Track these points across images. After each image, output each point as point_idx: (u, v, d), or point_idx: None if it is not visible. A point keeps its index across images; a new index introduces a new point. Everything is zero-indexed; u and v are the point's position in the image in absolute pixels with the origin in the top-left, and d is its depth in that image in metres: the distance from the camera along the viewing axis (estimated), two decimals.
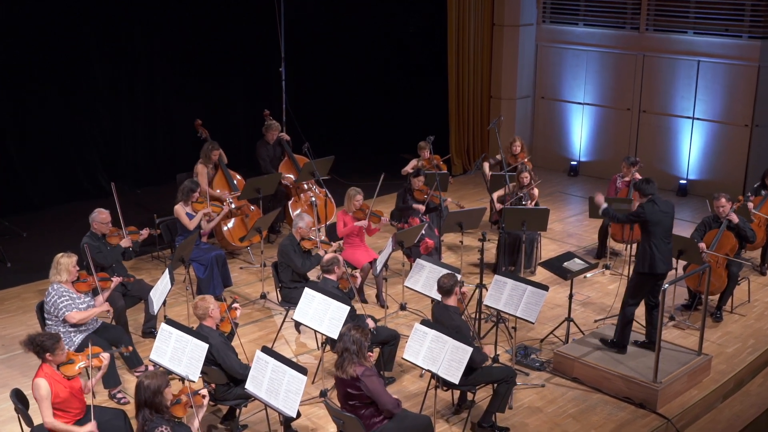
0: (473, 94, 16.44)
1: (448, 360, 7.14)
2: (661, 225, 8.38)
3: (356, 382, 6.55)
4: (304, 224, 9.56)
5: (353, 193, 10.30)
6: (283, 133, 12.91)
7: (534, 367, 8.93)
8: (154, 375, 6.03)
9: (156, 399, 5.97)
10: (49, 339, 6.68)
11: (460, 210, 10.81)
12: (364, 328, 6.73)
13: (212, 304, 7.46)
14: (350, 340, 6.62)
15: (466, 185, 15.55)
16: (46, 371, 6.66)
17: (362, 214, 10.28)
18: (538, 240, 11.43)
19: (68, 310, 7.97)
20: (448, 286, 7.65)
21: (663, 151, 15.16)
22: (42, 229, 12.92)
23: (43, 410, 6.58)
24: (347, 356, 6.61)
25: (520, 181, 11.22)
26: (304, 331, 9.70)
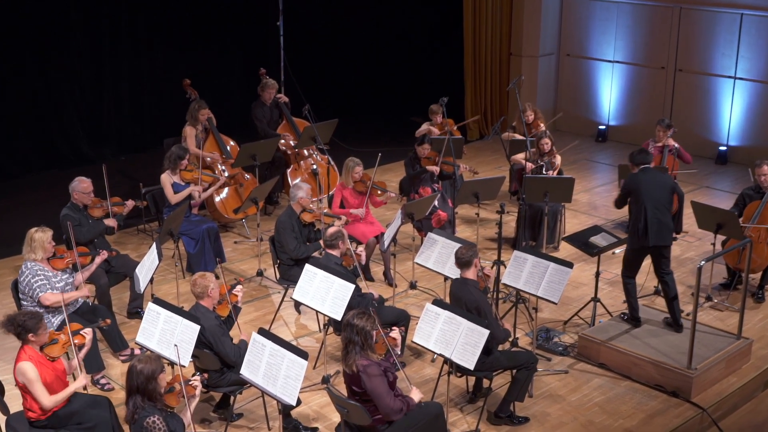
0: (491, 51, 16.35)
1: (462, 344, 7.16)
2: (642, 194, 8.57)
3: (359, 377, 6.54)
4: (305, 193, 9.55)
5: (352, 164, 10.27)
6: (281, 95, 12.87)
7: (556, 351, 8.95)
8: (148, 359, 6.06)
9: (149, 385, 6.00)
10: (30, 318, 6.72)
11: (476, 179, 10.78)
12: (370, 314, 6.67)
13: (213, 283, 7.48)
14: (353, 331, 6.57)
15: (482, 152, 15.51)
16: (30, 353, 6.70)
17: (363, 187, 10.25)
18: (561, 212, 11.41)
19: (42, 291, 7.99)
20: (466, 257, 7.65)
21: (701, 114, 15.09)
22: (18, 200, 12.95)
23: (38, 393, 6.64)
24: (351, 348, 6.58)
25: (540, 147, 11.18)
26: (304, 312, 9.73)
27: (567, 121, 16.44)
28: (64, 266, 8.29)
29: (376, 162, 10.38)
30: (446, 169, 11.26)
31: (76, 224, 9.02)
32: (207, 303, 7.48)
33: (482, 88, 16.47)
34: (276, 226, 9.48)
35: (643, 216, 8.57)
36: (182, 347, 7.03)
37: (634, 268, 8.92)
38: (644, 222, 8.56)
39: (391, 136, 16.06)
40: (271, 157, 11.97)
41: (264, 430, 7.73)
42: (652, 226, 8.56)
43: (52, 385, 6.75)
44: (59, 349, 6.92)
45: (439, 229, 10.00)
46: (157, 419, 5.90)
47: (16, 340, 6.88)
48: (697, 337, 8.33)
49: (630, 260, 8.90)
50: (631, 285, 8.93)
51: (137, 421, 5.93)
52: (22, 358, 6.68)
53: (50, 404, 6.69)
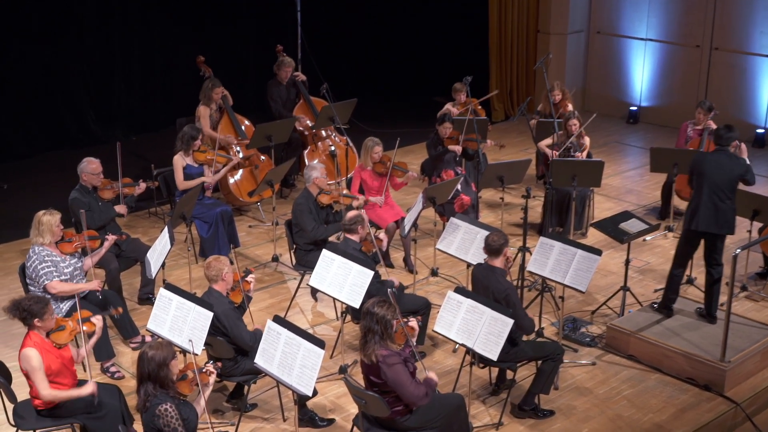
0: (517, 28, 16.28)
1: (485, 333, 7.16)
2: (704, 176, 8.48)
3: (378, 368, 6.54)
4: (319, 173, 9.55)
5: (371, 144, 10.25)
6: (298, 73, 12.87)
7: (584, 342, 8.94)
8: (160, 346, 6.09)
9: (161, 372, 6.03)
10: (36, 303, 6.76)
11: (501, 162, 10.75)
12: (391, 303, 6.66)
13: (227, 266, 7.51)
14: (374, 320, 6.55)
15: (508, 133, 15.46)
16: (35, 340, 6.74)
17: (383, 168, 10.25)
18: (590, 197, 11.37)
19: (48, 279, 8.03)
20: (497, 245, 7.63)
21: (737, 95, 14.97)
22: (25, 181, 13.03)
23: (39, 382, 6.68)
24: (370, 338, 6.57)
25: (568, 129, 11.14)
26: (321, 299, 9.75)
27: (596, 101, 16.36)
28: (72, 250, 8.32)
29: (395, 144, 10.36)
30: (470, 145, 11.17)
31: (86, 209, 9.06)
32: (221, 287, 7.51)
33: (507, 67, 16.41)
34: (293, 208, 9.49)
35: (699, 198, 8.48)
36: (195, 335, 7.06)
37: (683, 256, 8.83)
38: (698, 205, 8.47)
39: (412, 116, 16.04)
40: (287, 137, 11.98)
41: (279, 422, 7.77)
42: (706, 211, 8.46)
43: (57, 374, 6.79)
44: (66, 336, 6.95)
45: (462, 213, 9.99)
46: (169, 407, 5.94)
47: (23, 327, 6.92)
48: (732, 328, 8.29)
49: (680, 247, 8.82)
50: (677, 277, 8.85)
51: (149, 409, 5.96)
52: (27, 344, 6.72)
53: (49, 397, 6.72)
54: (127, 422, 7.08)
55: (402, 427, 6.69)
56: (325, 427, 7.66)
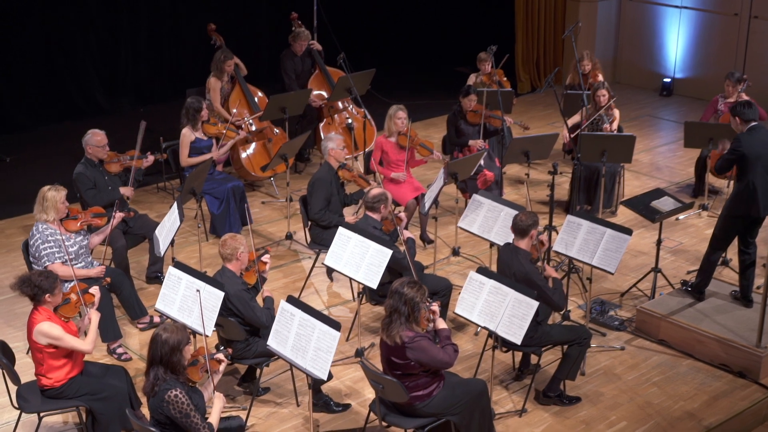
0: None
1: (508, 316, 7.16)
2: (763, 159, 8.33)
3: (402, 350, 6.57)
4: (335, 144, 9.54)
5: (394, 110, 10.23)
6: (313, 42, 12.85)
7: (612, 326, 8.93)
8: (174, 329, 6.11)
9: (174, 357, 6.06)
10: (46, 278, 6.82)
11: (527, 135, 10.72)
12: (421, 286, 6.67)
13: (243, 245, 7.52)
14: (402, 300, 6.56)
15: (534, 106, 15.41)
16: (45, 315, 6.81)
17: (406, 141, 10.23)
18: (620, 173, 11.33)
19: (50, 261, 8.07)
20: (524, 225, 7.62)
21: None
22: (28, 154, 13.08)
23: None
24: (396, 318, 6.60)
25: (596, 100, 11.08)
26: (337, 279, 9.78)
27: (628, 72, 16.28)
28: (77, 228, 8.36)
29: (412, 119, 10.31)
30: (493, 123, 11.18)
31: (90, 187, 9.08)
32: (234, 267, 7.53)
33: (535, 36, 16.33)
34: (310, 182, 9.47)
35: (754, 181, 8.33)
36: (205, 315, 7.09)
37: (725, 241, 8.75)
38: (754, 188, 8.33)
39: (434, 87, 16.01)
40: (302, 110, 11.97)
41: (292, 406, 7.81)
42: (764, 194, 8.39)
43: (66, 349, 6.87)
44: (72, 309, 7.08)
45: (485, 190, 9.98)
46: (179, 393, 5.97)
47: (27, 305, 6.98)
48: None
49: (723, 228, 8.68)
50: (714, 262, 8.80)
51: (157, 394, 6.00)
52: (39, 320, 6.78)
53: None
54: (135, 405, 7.14)
55: (421, 413, 6.72)
56: (341, 412, 7.70)
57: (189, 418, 5.99)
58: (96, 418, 6.98)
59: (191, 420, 5.99)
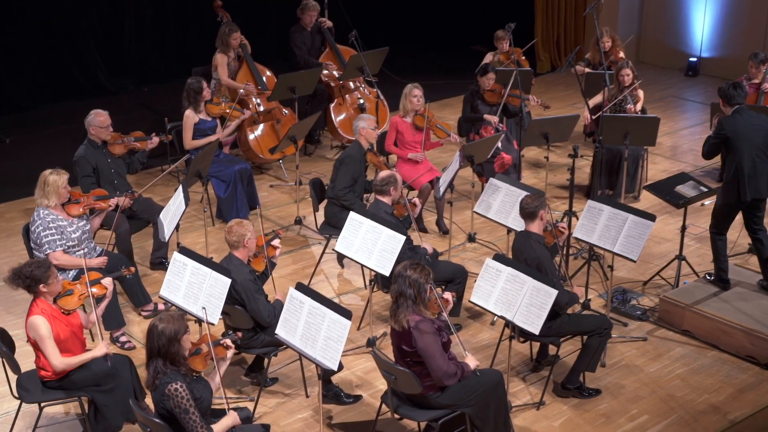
0: None
1: (526, 305, 7.16)
2: (739, 140, 8.42)
3: (409, 335, 6.58)
4: (366, 123, 9.53)
5: (409, 88, 10.22)
6: (324, 19, 12.83)
7: (634, 316, 8.92)
8: (171, 318, 6.09)
9: (172, 348, 6.04)
10: (38, 267, 6.81)
11: (546, 117, 10.69)
12: (425, 267, 6.69)
13: (250, 232, 7.52)
14: (406, 283, 6.59)
15: (554, 86, 15.36)
16: (42, 307, 6.82)
17: (422, 122, 10.22)
18: (643, 157, 11.30)
19: (51, 249, 8.08)
20: (531, 207, 7.62)
21: None
22: (29, 135, 13.12)
23: (49, 351, 6.76)
24: (402, 302, 6.62)
25: (620, 80, 11.04)
26: (348, 266, 9.79)
27: (652, 51, 16.21)
28: (80, 213, 8.36)
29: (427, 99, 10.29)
30: (512, 102, 11.12)
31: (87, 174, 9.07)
32: (241, 254, 7.53)
33: (555, 13, 16.27)
34: (340, 158, 9.45)
35: (740, 165, 8.44)
36: (211, 303, 7.10)
37: (725, 223, 8.83)
38: (740, 172, 8.44)
39: (449, 67, 15.97)
40: (312, 89, 11.96)
41: (301, 397, 7.83)
42: (751, 177, 8.44)
43: (66, 342, 6.87)
44: (75, 301, 7.02)
45: (503, 174, 9.96)
46: (179, 386, 5.95)
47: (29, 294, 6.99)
48: None
49: (721, 214, 8.81)
50: (721, 242, 8.85)
51: (158, 388, 5.99)
52: (34, 312, 6.79)
53: (61, 366, 6.80)
54: (139, 396, 7.16)
55: (435, 405, 6.73)
56: (351, 404, 7.72)
57: (188, 415, 5.96)
58: (99, 408, 7.01)
59: (190, 417, 5.96)
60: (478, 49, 14.78)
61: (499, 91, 11.03)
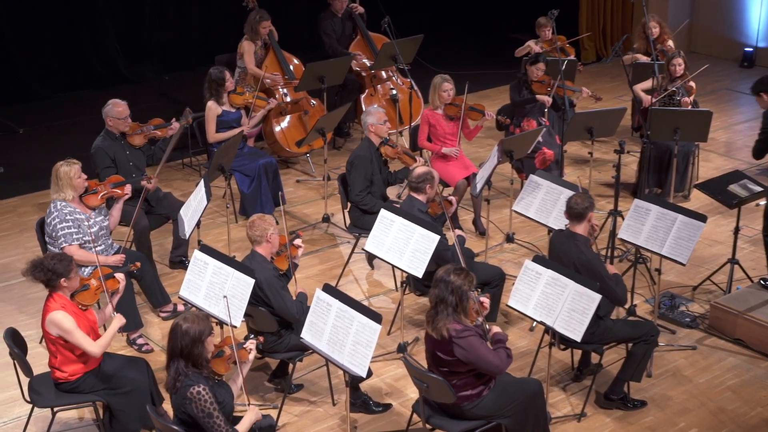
0: None
1: (567, 310, 7.14)
2: None
3: (449, 345, 6.58)
4: (375, 119, 9.53)
5: (439, 80, 10.20)
6: (355, 4, 12.84)
7: (683, 323, 8.88)
8: (195, 318, 6.15)
9: (195, 349, 6.09)
10: (60, 261, 6.89)
11: (590, 110, 10.65)
12: (469, 273, 6.66)
13: (273, 227, 7.54)
14: (448, 289, 6.56)
15: (600, 77, 15.31)
16: (61, 302, 6.88)
17: (455, 110, 10.20)
18: (694, 153, 11.24)
19: (67, 242, 8.14)
20: (580, 208, 7.58)
21: None
22: (43, 126, 13.21)
23: (81, 341, 6.83)
24: (442, 309, 6.60)
25: (670, 71, 10.99)
26: (378, 267, 9.80)
27: (705, 41, 16.11)
28: (99, 203, 8.41)
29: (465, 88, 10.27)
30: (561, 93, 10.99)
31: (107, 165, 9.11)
32: (264, 251, 7.55)
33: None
34: (349, 160, 9.49)
35: None
36: (233, 304, 7.13)
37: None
38: None
39: (487, 56, 15.93)
40: (342, 79, 11.99)
41: (328, 405, 7.85)
42: None
43: None
44: (92, 296, 7.11)
45: (544, 170, 9.93)
46: (202, 389, 6.00)
47: (41, 290, 7.06)
48: None
49: None
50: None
51: (179, 390, 6.04)
52: (53, 308, 6.85)
53: (99, 350, 6.90)
54: (156, 401, 7.21)
55: (470, 415, 6.73)
56: (381, 413, 7.73)
57: (212, 419, 6.00)
58: (114, 414, 7.06)
59: (214, 421, 6.01)
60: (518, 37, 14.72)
61: (548, 83, 10.97)
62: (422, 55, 13.16)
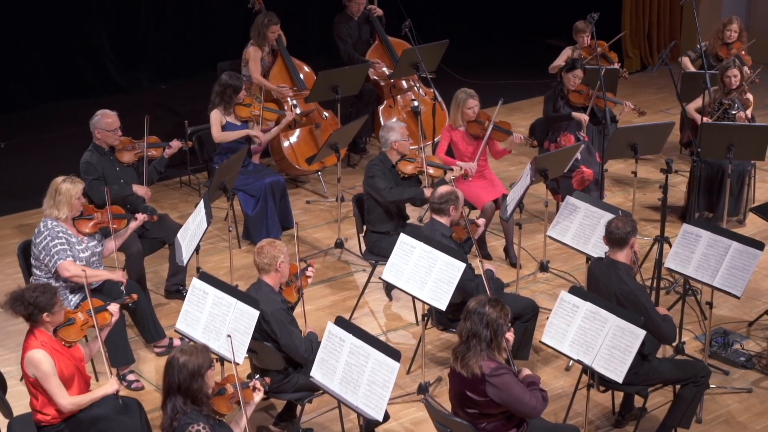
0: None
1: (607, 347, 7.12)
2: None
3: (481, 384, 6.56)
4: (399, 135, 9.56)
5: (463, 96, 10.19)
6: (373, 6, 12.89)
7: (737, 362, 8.85)
8: (194, 350, 6.17)
9: (194, 384, 6.11)
10: (43, 294, 6.88)
11: (635, 125, 10.65)
12: (504, 305, 6.64)
13: (283, 254, 7.53)
14: (482, 322, 6.52)
15: (645, 88, 15.31)
16: (42, 339, 6.87)
17: (479, 129, 10.20)
18: (750, 173, 11.22)
19: (62, 258, 8.16)
20: (622, 233, 7.56)
21: None
22: (27, 138, 13.25)
23: (54, 390, 6.81)
24: (475, 345, 6.57)
25: (725, 82, 10.98)
26: (397, 298, 9.80)
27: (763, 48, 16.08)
28: (91, 231, 8.43)
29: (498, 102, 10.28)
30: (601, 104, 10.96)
31: (95, 177, 9.16)
32: (272, 280, 7.55)
33: (646, 2, 16.23)
34: (367, 173, 9.50)
35: None
36: (236, 338, 7.13)
37: None
38: None
39: (518, 64, 15.96)
40: (358, 89, 12.03)
41: None
42: None
43: (71, 380, 6.94)
44: (77, 332, 7.09)
45: (582, 191, 9.93)
46: (202, 428, 6.01)
47: (22, 322, 7.04)
48: None
49: None
50: None
51: (177, 430, 6.04)
52: (33, 345, 6.85)
53: (70, 407, 6.86)
54: None
55: None
56: None
57: None
58: None
59: None
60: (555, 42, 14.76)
61: (587, 92, 10.96)
62: (447, 63, 13.19)
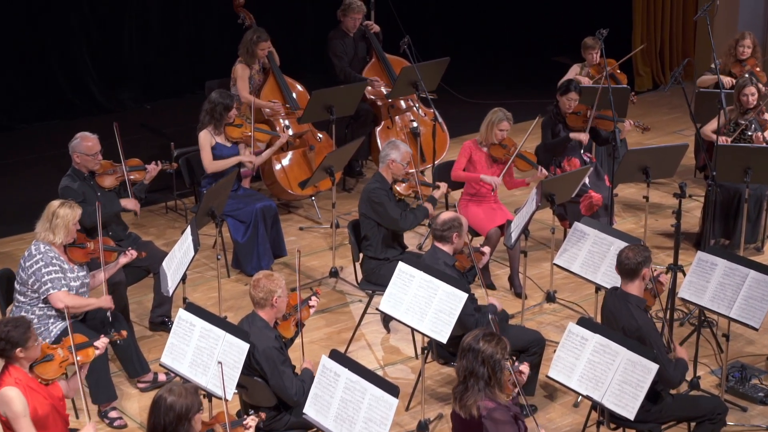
0: None
1: (618, 382, 7.12)
2: None
3: (479, 426, 6.53)
4: (400, 156, 9.56)
5: (500, 115, 10.16)
6: (370, 22, 12.92)
7: (756, 398, 8.84)
8: (183, 391, 6.15)
9: (180, 427, 6.09)
10: (15, 328, 6.85)
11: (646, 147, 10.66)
12: (501, 338, 6.63)
13: (281, 288, 7.48)
14: (478, 359, 6.51)
15: (657, 108, 15.34)
16: (16, 376, 6.84)
17: (502, 153, 10.20)
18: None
19: (56, 288, 8.15)
20: (633, 263, 7.55)
21: None
22: (6, 161, 13.24)
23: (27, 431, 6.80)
24: (473, 384, 6.55)
25: (741, 101, 11.00)
26: (395, 330, 9.79)
27: None
28: (83, 260, 8.45)
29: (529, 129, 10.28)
30: (603, 126, 11.03)
31: (80, 200, 9.16)
32: (267, 315, 7.52)
33: (659, 17, 16.29)
34: (363, 198, 9.49)
35: None
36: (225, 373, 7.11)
37: None
38: None
39: (524, 83, 15.99)
40: (353, 109, 12.04)
41: None
42: None
43: (46, 420, 6.89)
44: (55, 370, 7.05)
45: (590, 217, 9.93)
46: None
47: None
48: None
49: None
50: None
51: None
52: (6, 383, 6.81)
53: None
54: None
55: None
56: None
57: None
58: None
59: None
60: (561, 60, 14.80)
61: (584, 113, 10.97)
62: (448, 81, 13.21)
